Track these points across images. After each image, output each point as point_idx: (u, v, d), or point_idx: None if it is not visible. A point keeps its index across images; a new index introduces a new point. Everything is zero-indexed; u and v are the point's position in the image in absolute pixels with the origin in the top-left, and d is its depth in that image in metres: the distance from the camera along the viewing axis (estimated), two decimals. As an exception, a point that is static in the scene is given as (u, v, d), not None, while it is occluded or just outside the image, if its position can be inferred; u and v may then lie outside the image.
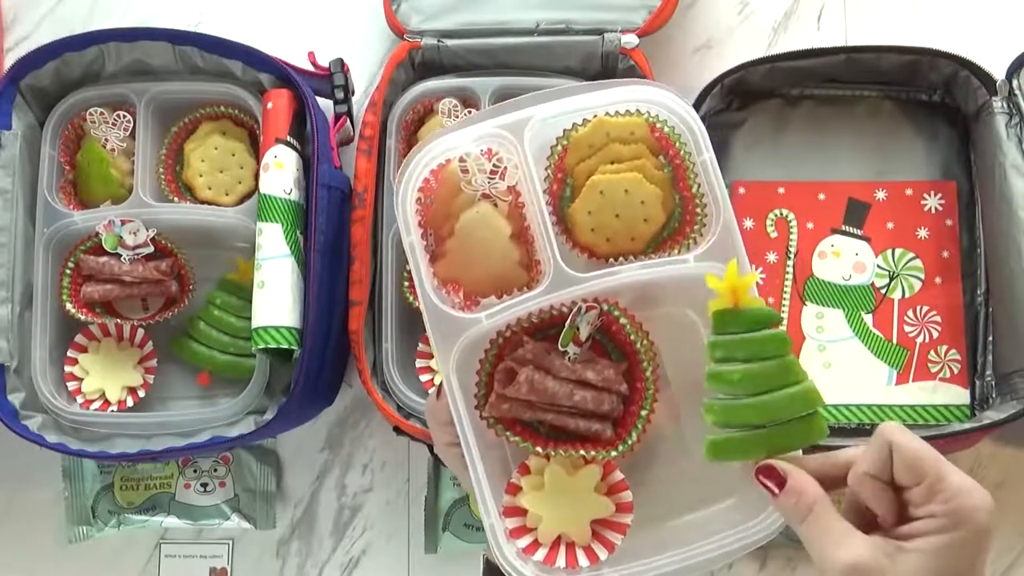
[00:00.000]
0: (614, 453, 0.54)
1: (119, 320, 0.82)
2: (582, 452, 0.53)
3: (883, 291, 0.81)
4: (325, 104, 0.83)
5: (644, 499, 0.55)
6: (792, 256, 0.82)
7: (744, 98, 0.84)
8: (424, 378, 0.79)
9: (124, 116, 0.82)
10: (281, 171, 0.77)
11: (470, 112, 0.80)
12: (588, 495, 0.54)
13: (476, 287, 0.56)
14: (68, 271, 0.80)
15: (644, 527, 0.55)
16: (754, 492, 0.50)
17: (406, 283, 0.79)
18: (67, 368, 0.82)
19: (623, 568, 0.53)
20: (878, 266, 0.81)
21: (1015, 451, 0.82)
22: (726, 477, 0.54)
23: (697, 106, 0.80)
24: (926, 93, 0.83)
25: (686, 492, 0.55)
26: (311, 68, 0.83)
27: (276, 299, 0.75)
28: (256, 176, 0.80)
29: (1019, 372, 0.74)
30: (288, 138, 0.78)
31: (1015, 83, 0.77)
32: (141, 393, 0.82)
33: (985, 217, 0.80)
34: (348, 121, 0.83)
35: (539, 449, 0.53)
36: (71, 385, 0.81)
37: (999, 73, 0.78)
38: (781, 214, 0.82)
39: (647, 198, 0.55)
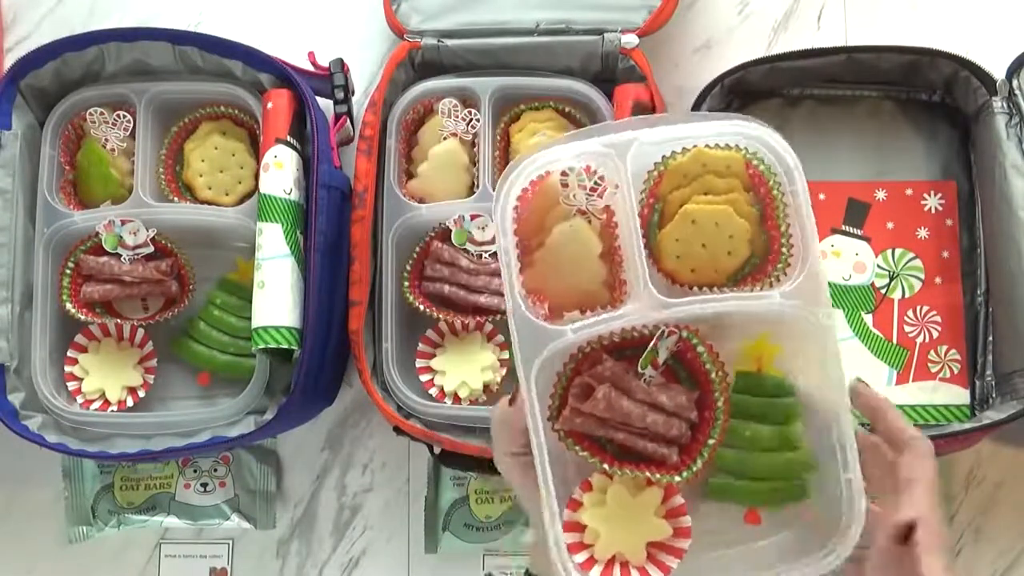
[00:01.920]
0: (678, 478, 0.54)
1: (119, 320, 0.82)
2: (647, 473, 0.54)
3: (883, 291, 0.81)
4: (325, 104, 0.83)
5: (699, 525, 0.56)
6: (792, 256, 0.82)
7: (744, 98, 0.83)
8: (424, 378, 0.79)
9: (124, 116, 0.82)
10: (281, 171, 0.77)
11: (470, 112, 0.80)
12: (648, 517, 0.55)
13: (560, 301, 0.56)
14: (68, 271, 0.80)
15: (697, 553, 0.55)
16: (808, 529, 0.54)
17: (406, 283, 0.79)
18: (67, 368, 0.81)
19: None
20: (878, 266, 0.81)
21: (1015, 451, 0.82)
22: (781, 512, 0.57)
23: (697, 106, 0.80)
24: (926, 93, 0.83)
25: (741, 523, 0.56)
26: (311, 68, 0.83)
27: (276, 299, 0.75)
28: (256, 176, 0.80)
29: (1019, 372, 0.74)
30: (288, 138, 0.78)
31: (1015, 83, 0.77)
32: (141, 393, 0.82)
33: (985, 217, 0.80)
34: (348, 121, 0.83)
35: (605, 466, 0.54)
36: (71, 385, 0.81)
37: (999, 73, 0.78)
38: (781, 214, 0.82)
39: (736, 232, 0.55)
